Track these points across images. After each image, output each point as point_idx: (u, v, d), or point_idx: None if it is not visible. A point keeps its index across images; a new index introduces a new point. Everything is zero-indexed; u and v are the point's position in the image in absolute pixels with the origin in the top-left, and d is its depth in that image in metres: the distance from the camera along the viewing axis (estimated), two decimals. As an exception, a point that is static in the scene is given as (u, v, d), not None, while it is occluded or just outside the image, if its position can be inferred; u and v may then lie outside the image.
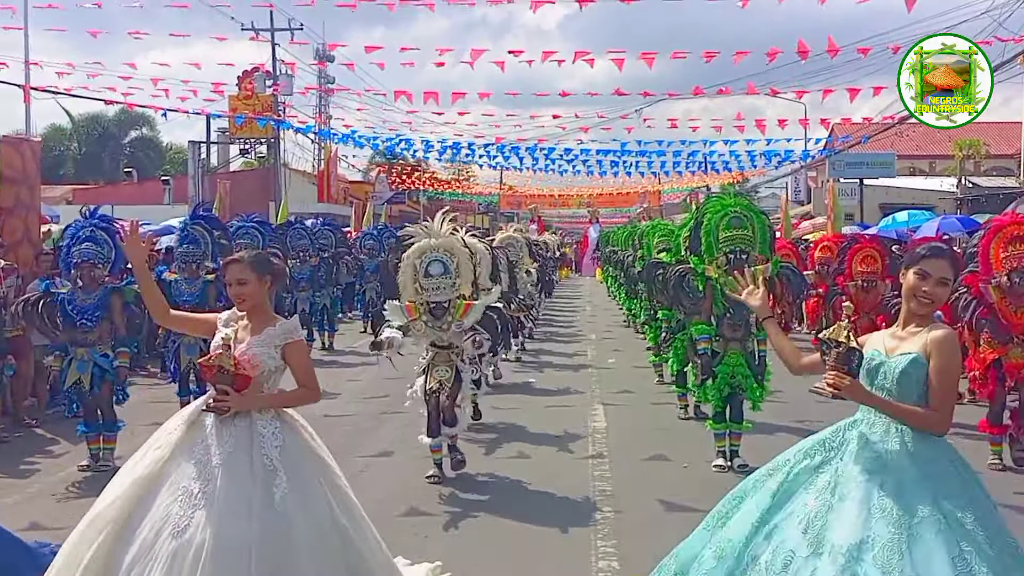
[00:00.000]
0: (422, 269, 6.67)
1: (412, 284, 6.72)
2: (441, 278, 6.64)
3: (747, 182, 38.10)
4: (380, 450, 7.82)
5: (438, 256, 6.68)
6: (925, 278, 3.24)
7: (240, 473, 3.63)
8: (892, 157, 25.79)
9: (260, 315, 3.99)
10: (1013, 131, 29.05)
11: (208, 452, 3.69)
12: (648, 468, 7.27)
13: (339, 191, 32.96)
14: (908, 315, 3.32)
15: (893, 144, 26.29)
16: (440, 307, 6.66)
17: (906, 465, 3.12)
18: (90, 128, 39.97)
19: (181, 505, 3.55)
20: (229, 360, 3.78)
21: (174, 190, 28.73)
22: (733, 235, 6.88)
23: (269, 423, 3.79)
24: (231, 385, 3.75)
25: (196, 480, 3.61)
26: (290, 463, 3.72)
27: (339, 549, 3.72)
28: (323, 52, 30.39)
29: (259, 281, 3.95)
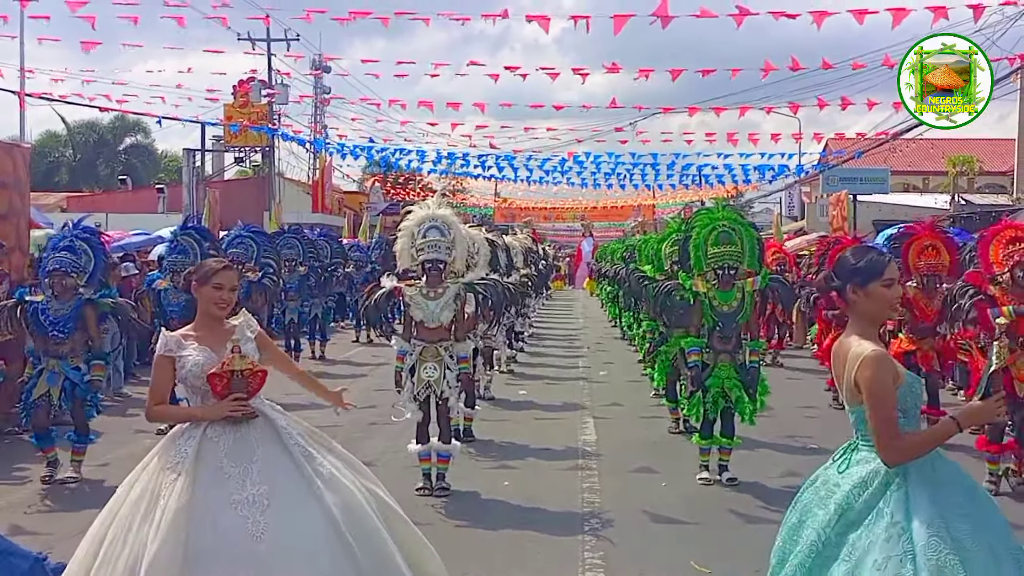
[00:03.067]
0: (419, 233, 6.72)
1: (408, 250, 6.75)
2: (437, 239, 6.68)
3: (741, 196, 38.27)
4: (367, 460, 7.68)
5: (435, 223, 6.73)
6: (893, 285, 3.03)
7: (286, 466, 3.68)
8: (886, 173, 25.87)
9: (217, 324, 3.95)
10: (1006, 148, 29.22)
11: (240, 460, 3.64)
12: (637, 481, 7.25)
13: (333, 201, 32.97)
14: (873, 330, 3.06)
15: (887, 160, 26.40)
16: (435, 267, 6.65)
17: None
18: (85, 135, 39.95)
19: (244, 515, 3.50)
20: (244, 362, 3.79)
21: (169, 198, 28.70)
22: (721, 251, 6.89)
23: (281, 416, 3.88)
24: (245, 389, 3.77)
25: (243, 489, 3.55)
26: (314, 445, 3.85)
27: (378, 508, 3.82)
28: (319, 63, 30.48)
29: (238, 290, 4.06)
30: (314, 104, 32.57)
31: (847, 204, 19.61)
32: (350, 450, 8.15)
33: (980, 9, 13.26)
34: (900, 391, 2.93)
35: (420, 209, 6.92)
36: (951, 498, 2.83)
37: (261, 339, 4.03)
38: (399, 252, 6.86)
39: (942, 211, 26.13)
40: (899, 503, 2.83)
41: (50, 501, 6.67)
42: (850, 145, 26.48)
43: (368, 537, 3.65)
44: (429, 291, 6.70)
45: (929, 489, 2.84)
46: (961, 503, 2.83)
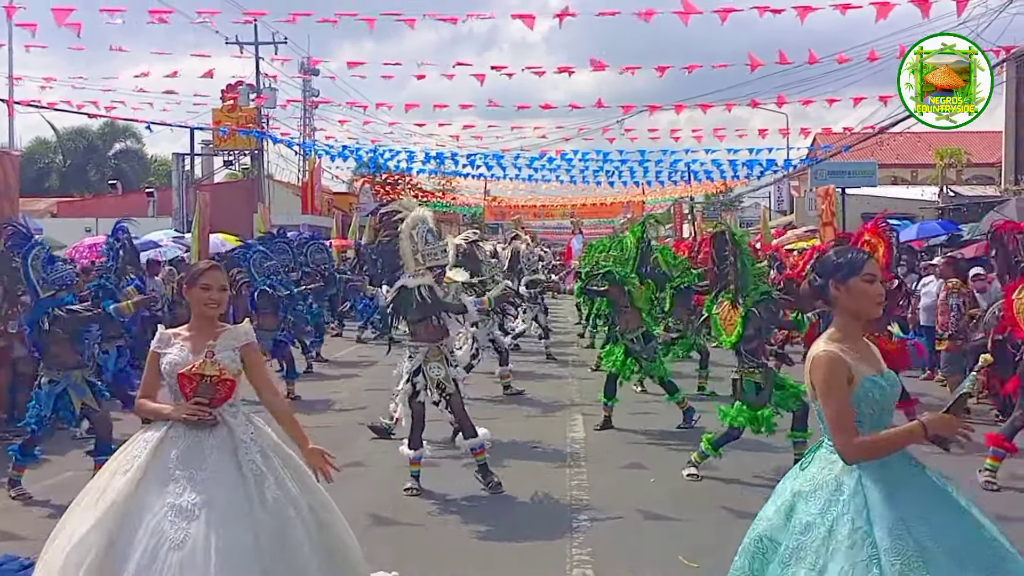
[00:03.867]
0: (421, 239, 6.82)
1: (413, 255, 6.83)
2: (438, 245, 6.93)
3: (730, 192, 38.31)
4: (355, 460, 7.77)
5: (429, 225, 6.89)
6: (874, 280, 3.06)
7: (231, 481, 3.66)
8: (874, 166, 25.93)
9: (212, 324, 3.98)
10: (994, 140, 29.28)
11: (190, 465, 3.67)
12: (626, 478, 7.28)
13: (323, 202, 32.94)
14: (855, 327, 3.08)
15: (874, 153, 26.46)
16: (444, 271, 7.09)
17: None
18: (75, 141, 39.82)
19: (172, 520, 3.53)
20: (214, 367, 3.78)
21: (158, 202, 28.65)
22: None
23: (245, 429, 3.84)
24: (213, 394, 3.77)
25: (182, 494, 3.59)
26: (270, 465, 3.78)
27: (324, 542, 3.79)
28: (307, 66, 30.42)
29: (228, 291, 4.06)
30: (303, 107, 32.53)
31: (835, 197, 19.70)
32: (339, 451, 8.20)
33: (964, 2, 13.29)
34: (856, 392, 2.94)
35: (408, 210, 6.95)
36: (910, 501, 2.85)
37: (248, 353, 3.95)
38: (403, 256, 6.89)
39: (930, 203, 26.25)
40: (859, 509, 2.84)
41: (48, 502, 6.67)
42: (838, 139, 26.54)
43: (289, 572, 3.60)
44: (439, 290, 6.94)
45: (887, 491, 2.85)
46: (921, 506, 2.84)
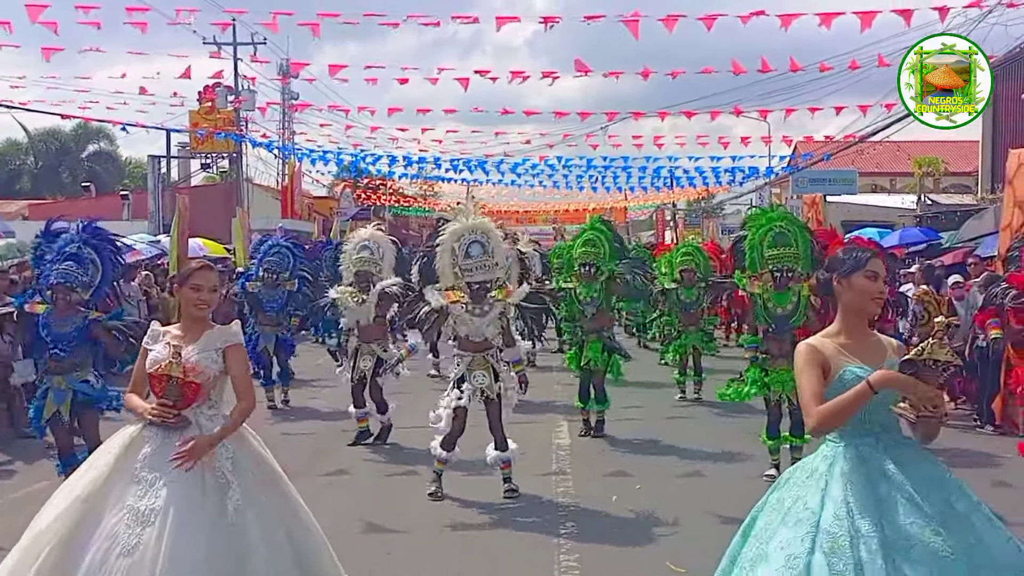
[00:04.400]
0: (461, 251, 6.54)
1: (451, 269, 6.58)
2: (481, 258, 6.54)
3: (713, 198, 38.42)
4: (340, 468, 7.65)
5: (476, 237, 6.57)
6: (876, 278, 3.15)
7: (191, 488, 3.57)
8: (854, 174, 26.11)
9: (199, 324, 3.93)
10: (971, 149, 29.55)
11: (155, 469, 3.59)
12: (612, 484, 7.19)
13: (303, 207, 32.67)
14: (855, 323, 3.19)
15: (855, 162, 26.63)
16: (482, 287, 6.56)
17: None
18: (47, 142, 39.26)
19: (128, 524, 3.47)
20: (179, 368, 3.71)
21: (133, 205, 28.28)
22: (779, 252, 6.86)
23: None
24: (179, 395, 3.70)
25: (143, 498, 3.53)
26: (242, 475, 3.68)
27: (292, 560, 3.68)
28: (286, 68, 30.16)
29: (219, 291, 4.04)
30: (282, 110, 32.28)
31: (822, 206, 19.84)
32: (322, 458, 8.07)
33: (945, 11, 13.34)
34: (834, 383, 3.07)
35: (457, 221, 6.65)
36: (868, 493, 2.95)
37: (231, 354, 3.87)
38: (441, 269, 6.65)
39: (909, 211, 26.43)
40: (816, 491, 3.01)
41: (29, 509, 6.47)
42: (819, 147, 26.68)
43: None
44: (475, 307, 6.57)
45: (849, 480, 2.99)
46: (878, 500, 2.93)
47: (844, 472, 3.01)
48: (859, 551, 2.83)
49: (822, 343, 3.16)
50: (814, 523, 2.93)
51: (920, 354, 2.97)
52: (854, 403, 2.98)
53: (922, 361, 2.95)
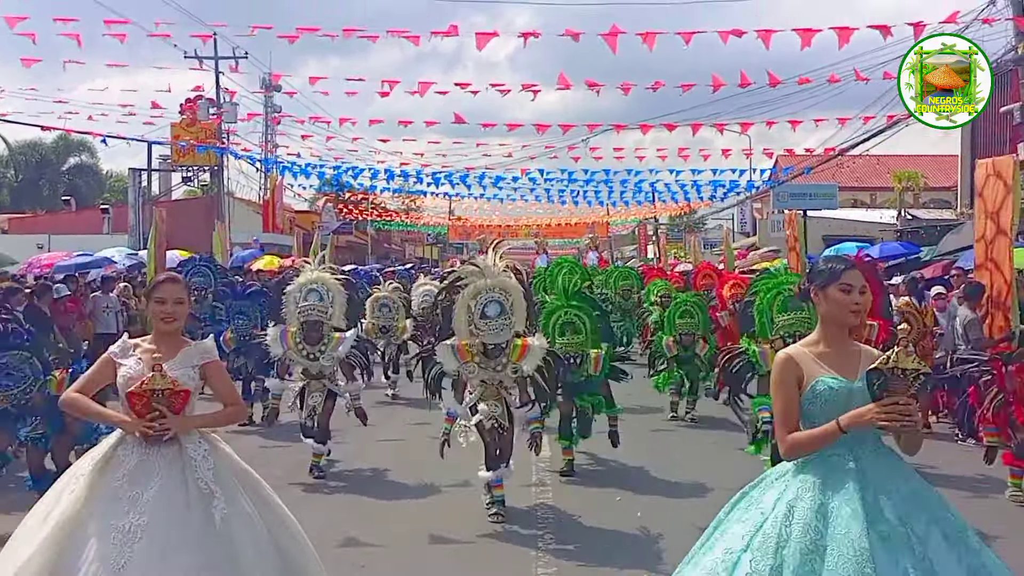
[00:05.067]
0: (478, 311, 6.27)
1: (467, 326, 6.31)
2: (498, 319, 6.26)
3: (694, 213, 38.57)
4: (316, 483, 7.56)
5: (494, 296, 6.29)
6: (850, 290, 3.18)
7: (176, 502, 3.50)
8: (834, 189, 26.20)
9: (173, 338, 3.86)
10: (950, 164, 29.85)
11: (136, 485, 3.51)
12: (591, 496, 7.14)
13: (285, 220, 32.52)
14: (834, 335, 3.21)
15: (835, 176, 26.80)
16: (497, 347, 6.31)
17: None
18: (27, 155, 38.98)
19: (114, 544, 3.38)
20: (164, 381, 3.63)
21: (114, 219, 28.08)
22: (790, 318, 6.54)
23: (198, 446, 3.67)
24: (170, 406, 3.61)
25: (127, 516, 3.44)
26: (224, 484, 3.61)
27: (281, 567, 3.62)
28: (268, 81, 30.11)
29: (188, 303, 3.92)
30: (264, 123, 32.17)
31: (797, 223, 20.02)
32: (298, 472, 7.95)
33: (921, 27, 13.48)
34: (806, 392, 3.11)
35: (476, 277, 6.37)
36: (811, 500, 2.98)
37: (211, 371, 3.83)
38: (456, 325, 6.38)
39: (889, 226, 26.63)
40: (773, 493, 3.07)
41: None
42: (799, 161, 26.86)
43: None
44: (488, 363, 6.37)
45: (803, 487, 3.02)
46: (817, 511, 2.95)
47: (804, 478, 3.05)
48: (780, 555, 2.91)
49: (799, 352, 3.21)
50: (759, 522, 3.01)
51: (886, 363, 2.97)
52: (822, 441, 3.04)
53: (889, 370, 2.95)
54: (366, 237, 43.55)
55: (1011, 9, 15.89)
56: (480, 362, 6.36)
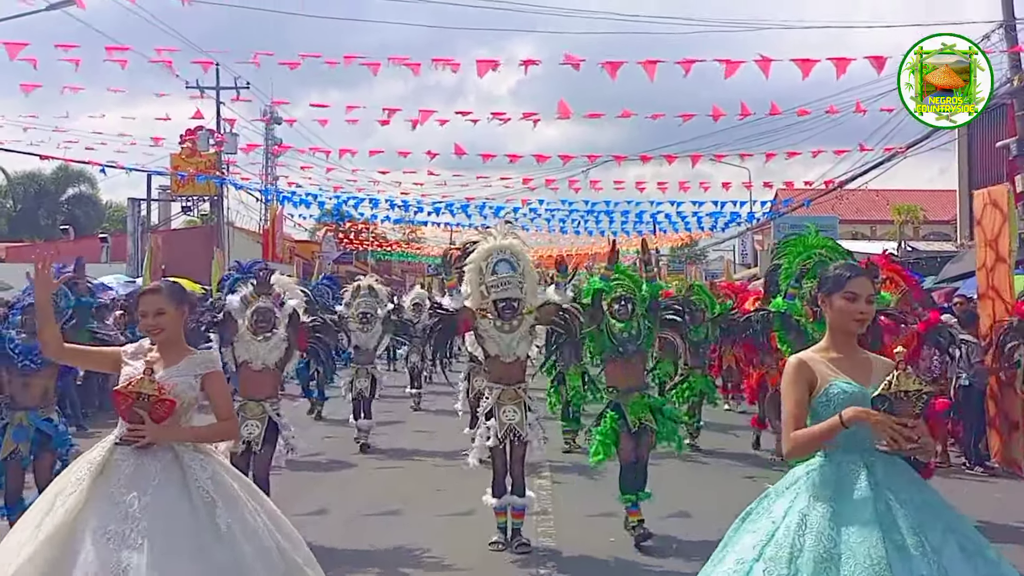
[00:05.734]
0: (489, 269, 6.23)
1: (478, 287, 6.26)
2: (509, 275, 6.20)
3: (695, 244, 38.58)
4: (315, 508, 7.44)
5: (504, 256, 6.26)
6: (855, 299, 3.18)
7: (178, 508, 3.44)
8: (835, 221, 26.29)
9: (174, 347, 3.81)
10: (949, 198, 29.94)
11: (131, 490, 3.44)
12: (592, 525, 7.01)
13: (285, 250, 32.50)
14: (841, 341, 3.22)
15: (835, 208, 26.87)
16: (509, 306, 6.18)
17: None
18: (26, 185, 39.07)
19: (112, 549, 3.31)
20: (152, 386, 3.56)
21: (112, 248, 28.06)
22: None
23: (193, 454, 3.62)
24: (149, 413, 3.55)
25: (124, 521, 3.37)
26: (224, 492, 3.56)
27: (284, 570, 3.56)
28: (271, 113, 30.22)
29: (177, 311, 3.83)
30: (264, 154, 32.25)
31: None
32: (299, 499, 7.82)
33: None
34: (818, 396, 3.10)
35: (486, 241, 6.40)
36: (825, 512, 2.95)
37: (211, 383, 3.78)
38: (468, 288, 6.34)
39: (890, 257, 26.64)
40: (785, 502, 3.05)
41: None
42: (799, 194, 26.93)
43: None
44: (503, 324, 6.24)
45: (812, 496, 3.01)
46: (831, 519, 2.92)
47: (816, 485, 3.03)
48: (795, 565, 2.88)
49: (811, 358, 3.20)
50: (771, 532, 2.99)
51: (888, 387, 2.95)
52: (825, 435, 3.02)
53: (892, 394, 2.93)
54: (366, 267, 43.54)
55: (1005, 42, 15.99)
56: (495, 323, 6.20)
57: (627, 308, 6.52)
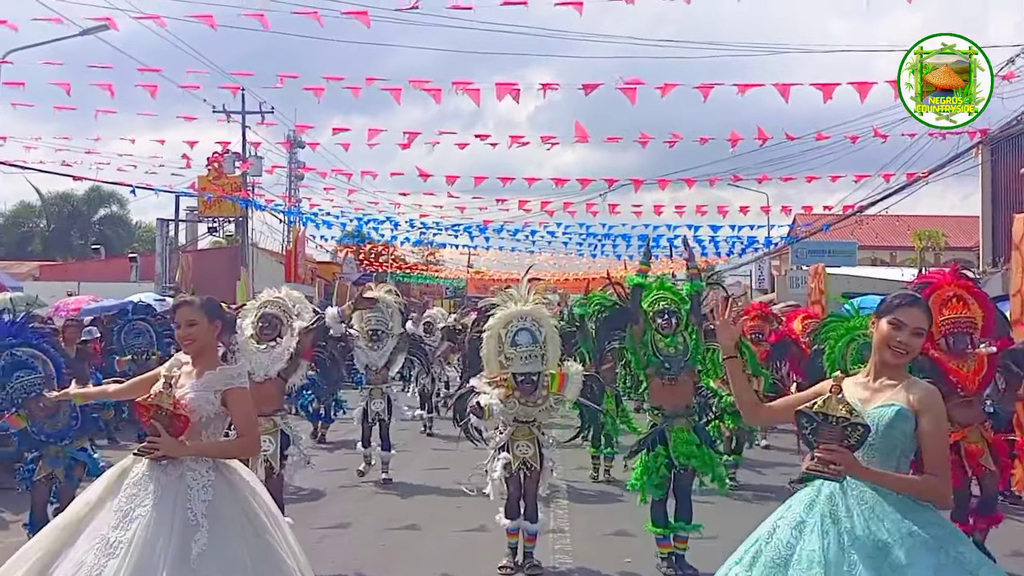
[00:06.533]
0: (508, 339, 6.01)
1: (496, 356, 6.04)
2: (530, 347, 5.99)
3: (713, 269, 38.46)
4: (337, 522, 7.60)
5: (525, 325, 6.03)
6: (900, 327, 3.10)
7: (161, 524, 3.52)
8: (853, 246, 26.22)
9: (206, 360, 3.95)
10: (971, 224, 29.80)
11: (133, 500, 3.59)
12: (609, 543, 7.11)
13: (307, 271, 32.90)
14: (880, 366, 3.15)
15: (854, 233, 26.82)
16: (529, 380, 6.00)
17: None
18: (59, 205, 39.81)
19: (96, 554, 3.47)
20: (168, 399, 3.68)
21: (141, 267, 28.53)
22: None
23: (202, 475, 3.66)
24: (167, 427, 3.65)
25: (115, 529, 3.52)
26: (216, 519, 3.58)
27: None
28: (294, 138, 30.68)
29: (209, 324, 3.94)
30: (287, 177, 32.70)
31: (824, 276, 20.09)
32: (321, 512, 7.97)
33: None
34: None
35: (506, 306, 6.17)
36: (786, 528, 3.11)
37: (232, 398, 3.81)
38: (486, 357, 6.13)
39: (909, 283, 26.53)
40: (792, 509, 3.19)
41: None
42: (817, 219, 26.95)
43: None
44: (525, 399, 6.08)
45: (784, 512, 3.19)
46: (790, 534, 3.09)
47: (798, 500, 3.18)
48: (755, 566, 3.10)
49: (850, 379, 3.26)
50: (755, 539, 3.19)
51: (812, 407, 2.95)
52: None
53: (816, 414, 2.93)
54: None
55: (1030, 68, 16.01)
56: (518, 397, 6.03)
57: (671, 322, 6.20)
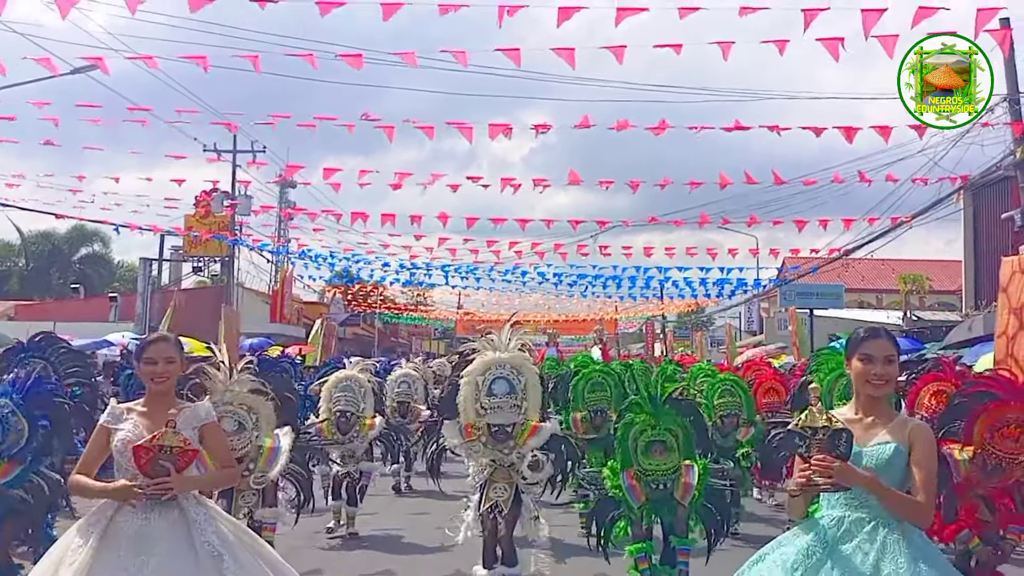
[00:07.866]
0: (485, 387, 5.85)
1: (473, 404, 5.88)
2: (506, 398, 5.81)
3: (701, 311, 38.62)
4: (311, 568, 7.38)
5: (504, 373, 5.86)
6: (871, 360, 3.24)
7: (187, 564, 3.46)
8: (840, 289, 26.41)
9: (165, 400, 3.85)
10: (955, 268, 30.03)
11: (140, 554, 3.45)
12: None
13: (293, 311, 32.68)
14: (866, 401, 3.28)
15: (841, 276, 27.00)
16: (503, 431, 5.83)
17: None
18: (39, 244, 39.57)
19: None
20: (176, 438, 3.60)
21: (121, 307, 28.30)
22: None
23: (198, 509, 3.65)
24: (174, 465, 3.58)
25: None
26: (229, 545, 3.59)
27: None
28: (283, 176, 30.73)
29: (181, 363, 3.93)
30: (277, 217, 32.70)
31: (797, 320, 20.32)
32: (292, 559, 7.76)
33: (923, 129, 13.77)
34: None
35: (485, 353, 6.00)
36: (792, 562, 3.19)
37: (209, 433, 3.84)
38: (462, 403, 5.96)
39: (895, 326, 26.60)
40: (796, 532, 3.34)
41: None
42: (805, 262, 27.08)
43: None
44: (496, 445, 5.92)
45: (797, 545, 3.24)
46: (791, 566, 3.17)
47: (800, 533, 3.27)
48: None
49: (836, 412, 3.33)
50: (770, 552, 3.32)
51: (797, 424, 3.07)
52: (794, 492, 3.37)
53: (803, 430, 3.05)
54: (373, 330, 43.66)
55: (1009, 115, 16.23)
56: (487, 443, 5.92)
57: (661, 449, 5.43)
